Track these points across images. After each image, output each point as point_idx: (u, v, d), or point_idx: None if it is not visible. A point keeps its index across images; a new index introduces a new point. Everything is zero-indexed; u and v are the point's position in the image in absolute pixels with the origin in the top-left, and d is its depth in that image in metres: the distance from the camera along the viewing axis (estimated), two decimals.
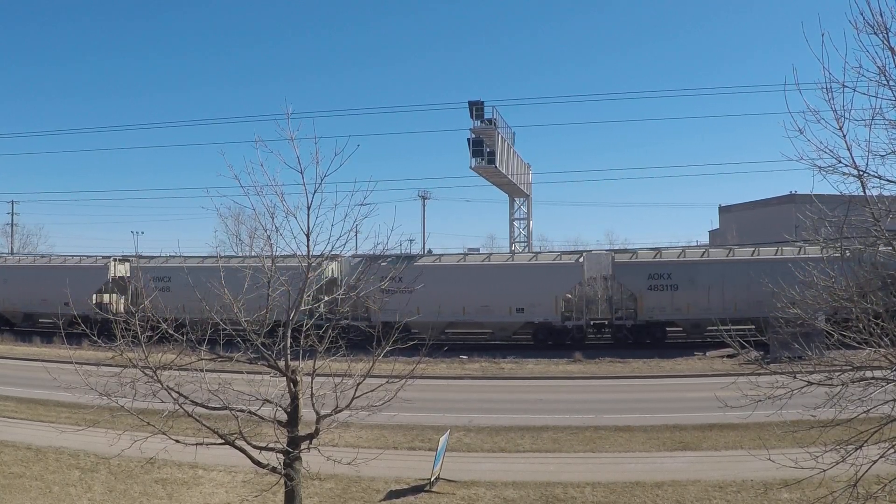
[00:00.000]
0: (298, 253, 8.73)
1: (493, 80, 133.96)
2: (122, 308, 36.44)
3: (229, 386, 8.85)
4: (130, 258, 42.79)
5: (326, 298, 9.71)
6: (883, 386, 7.64)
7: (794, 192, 53.59)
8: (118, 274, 40.41)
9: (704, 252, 35.88)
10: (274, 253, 9.06)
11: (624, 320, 34.40)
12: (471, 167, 42.77)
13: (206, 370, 8.80)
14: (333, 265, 34.34)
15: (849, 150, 7.28)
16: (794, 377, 8.00)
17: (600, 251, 38.94)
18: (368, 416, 9.23)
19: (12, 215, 75.54)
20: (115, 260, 41.56)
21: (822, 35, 7.10)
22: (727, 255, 34.33)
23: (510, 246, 51.73)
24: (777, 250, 34.14)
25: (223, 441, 8.58)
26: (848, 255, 8.07)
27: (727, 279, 32.68)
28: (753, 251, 34.64)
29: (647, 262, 34.38)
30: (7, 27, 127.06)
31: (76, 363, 8.79)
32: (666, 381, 25.58)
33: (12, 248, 71.33)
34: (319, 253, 8.81)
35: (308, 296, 8.97)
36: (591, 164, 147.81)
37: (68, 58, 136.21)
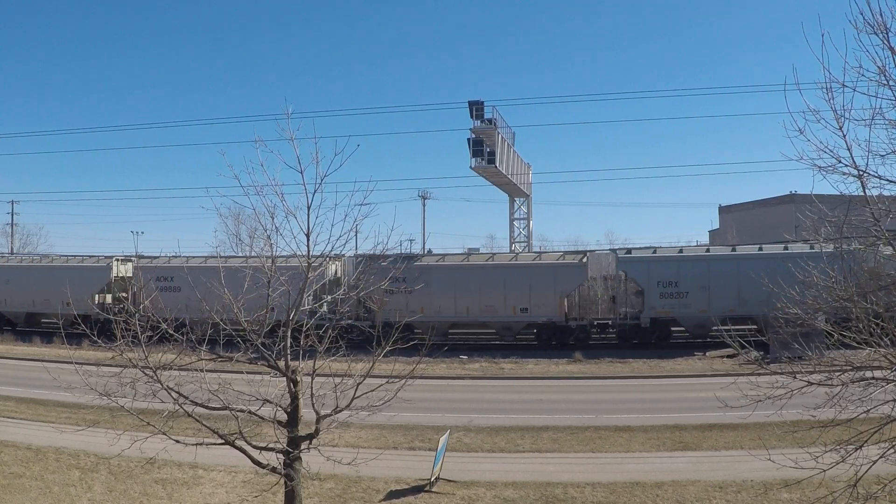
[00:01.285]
0: (298, 253, 8.75)
1: (493, 80, 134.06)
2: None
3: (229, 386, 8.85)
4: None
5: (328, 298, 9.72)
6: (883, 386, 7.64)
7: (794, 192, 53.57)
8: None
9: (440, 258, 38.32)
10: (274, 253, 9.07)
11: (362, 321, 36.19)
12: (471, 167, 42.78)
13: (206, 370, 8.79)
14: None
15: (849, 150, 7.29)
16: (794, 377, 8.00)
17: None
18: (368, 416, 9.22)
19: (12, 215, 75.65)
20: None
21: (822, 35, 7.11)
22: (462, 261, 36.87)
23: (510, 246, 51.71)
24: (488, 257, 37.25)
25: (223, 441, 8.58)
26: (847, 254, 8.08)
27: (458, 283, 34.80)
28: (489, 258, 37.43)
29: (386, 267, 36.03)
30: (7, 27, 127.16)
31: (76, 363, 8.80)
32: (666, 381, 25.59)
33: (12, 248, 71.37)
34: (319, 253, 8.82)
35: (308, 295, 8.97)
36: (591, 164, 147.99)
37: (68, 58, 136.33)
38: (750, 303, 33.11)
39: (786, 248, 36.01)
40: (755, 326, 34.73)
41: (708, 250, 36.54)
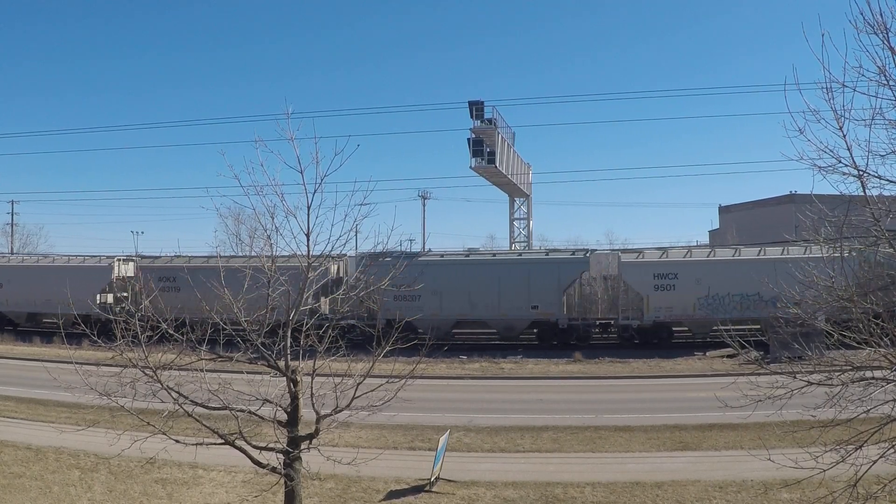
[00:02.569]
0: (298, 253, 8.76)
1: (493, 79, 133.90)
2: None
3: (229, 386, 8.85)
4: None
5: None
6: (883, 386, 7.63)
7: (794, 192, 53.53)
8: None
9: (206, 259, 40.29)
10: (274, 253, 9.08)
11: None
12: (471, 167, 42.80)
13: (206, 370, 8.79)
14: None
15: (849, 150, 7.28)
16: (794, 377, 7.99)
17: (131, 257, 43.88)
18: (368, 416, 9.23)
19: (12, 215, 75.55)
20: None
21: (822, 35, 7.09)
22: (226, 262, 38.46)
23: (510, 246, 51.71)
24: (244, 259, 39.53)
25: (223, 441, 8.58)
26: (847, 254, 8.07)
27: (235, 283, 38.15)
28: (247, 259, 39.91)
29: (157, 267, 39.87)
30: (7, 27, 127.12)
31: (76, 363, 8.80)
32: (666, 381, 25.59)
33: (12, 248, 71.36)
34: (319, 253, 8.83)
35: (307, 296, 8.97)
36: (591, 164, 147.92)
37: (68, 57, 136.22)
38: (480, 307, 34.94)
39: (520, 255, 37.85)
40: (493, 330, 35.93)
41: (442, 256, 37.90)
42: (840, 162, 7.37)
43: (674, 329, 34.87)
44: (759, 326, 34.30)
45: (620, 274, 34.78)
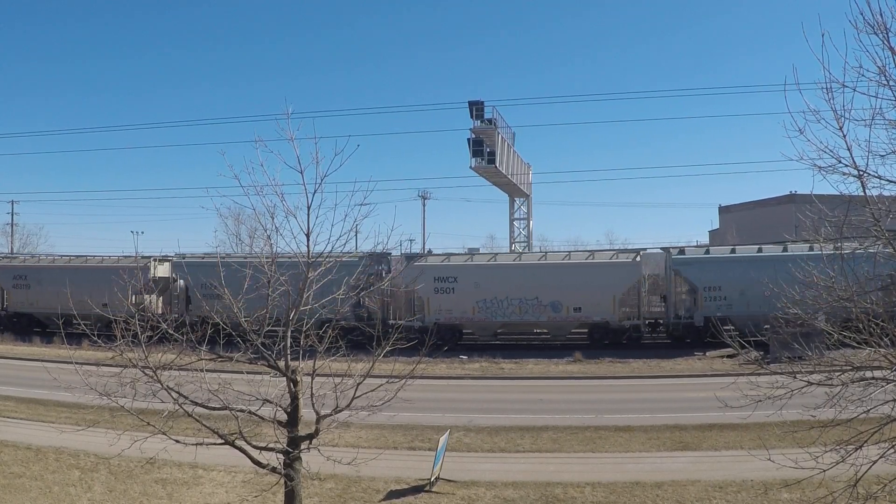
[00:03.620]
0: (299, 253, 8.77)
1: (493, 79, 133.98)
2: None
3: (229, 386, 8.85)
4: None
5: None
6: (883, 386, 7.63)
7: (794, 192, 53.62)
8: None
9: (52, 260, 43.73)
10: (274, 252, 9.09)
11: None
12: (471, 167, 42.82)
13: (206, 370, 8.79)
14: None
15: (849, 150, 7.28)
16: (794, 377, 7.99)
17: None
18: (368, 416, 9.23)
19: (12, 215, 75.64)
20: None
21: (822, 35, 7.09)
22: (68, 263, 40.92)
23: (510, 246, 51.72)
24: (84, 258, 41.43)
25: (223, 441, 8.58)
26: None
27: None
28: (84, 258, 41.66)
29: (13, 266, 42.59)
30: (7, 26, 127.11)
31: (76, 363, 8.80)
32: (666, 381, 25.58)
33: (12, 248, 71.35)
34: (319, 253, 8.85)
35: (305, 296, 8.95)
36: (591, 164, 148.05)
37: (68, 57, 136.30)
38: (275, 309, 37.83)
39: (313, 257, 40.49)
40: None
41: (246, 258, 40.69)
42: (840, 162, 7.37)
43: (463, 331, 35.87)
44: (546, 331, 35.56)
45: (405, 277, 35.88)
